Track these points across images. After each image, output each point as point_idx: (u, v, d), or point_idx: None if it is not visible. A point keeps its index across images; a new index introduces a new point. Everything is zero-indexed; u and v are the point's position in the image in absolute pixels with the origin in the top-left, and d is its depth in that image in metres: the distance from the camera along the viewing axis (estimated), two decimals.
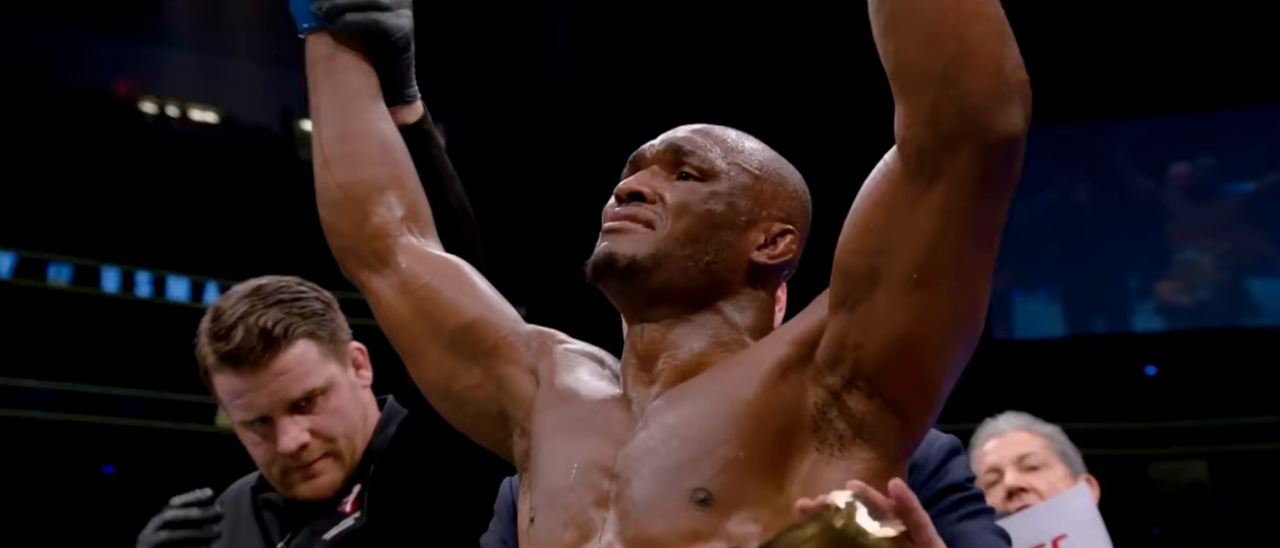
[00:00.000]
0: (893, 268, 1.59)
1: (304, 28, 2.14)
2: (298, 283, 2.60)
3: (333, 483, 2.52)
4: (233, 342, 2.44)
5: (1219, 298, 19.04)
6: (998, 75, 1.51)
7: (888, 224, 1.60)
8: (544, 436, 1.84)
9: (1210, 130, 18.85)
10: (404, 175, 2.09)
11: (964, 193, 1.55)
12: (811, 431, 1.66)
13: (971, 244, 1.60)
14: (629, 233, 1.81)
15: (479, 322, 1.95)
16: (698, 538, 1.60)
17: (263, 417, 2.48)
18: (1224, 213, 18.98)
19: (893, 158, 1.60)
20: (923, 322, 1.60)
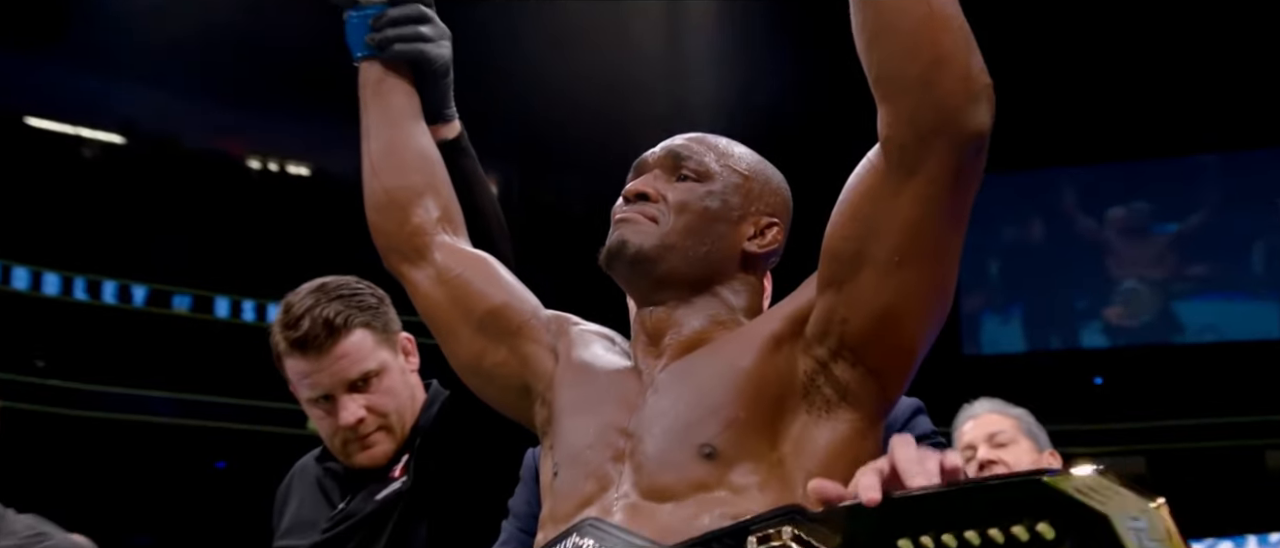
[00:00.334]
0: (877, 251, 1.58)
1: (358, 56, 2.14)
2: (356, 281, 2.59)
3: (385, 453, 2.50)
4: (300, 330, 2.43)
5: (1153, 320, 19.09)
6: (967, 79, 1.50)
7: (872, 212, 1.59)
8: (564, 403, 1.83)
9: (1142, 178, 18.99)
10: (439, 183, 2.09)
11: (940, 183, 1.54)
12: (802, 396, 1.65)
13: (946, 228, 1.59)
14: (636, 226, 1.81)
15: (504, 307, 1.95)
16: (704, 487, 1.59)
17: (326, 395, 2.48)
18: (1155, 249, 19.10)
19: (876, 154, 1.59)
20: (903, 297, 1.59)
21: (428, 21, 2.13)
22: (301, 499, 2.66)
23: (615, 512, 1.62)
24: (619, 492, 1.64)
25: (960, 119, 1.50)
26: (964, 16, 1.52)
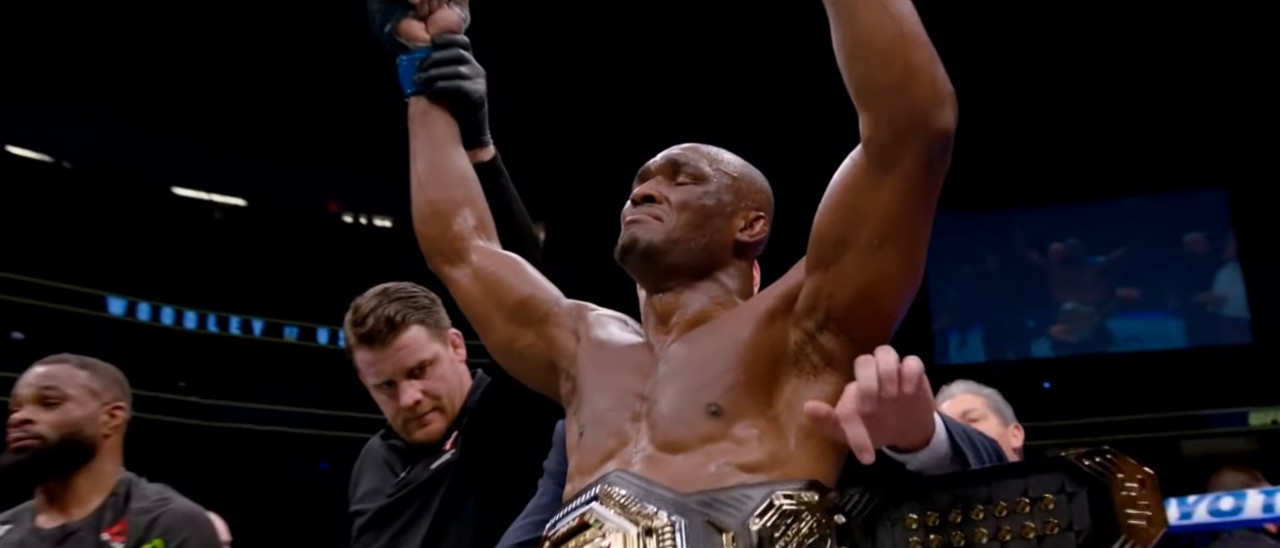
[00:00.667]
0: (859, 235, 1.55)
1: (408, 92, 2.11)
2: (412, 286, 2.57)
3: (439, 430, 2.50)
4: (366, 326, 2.45)
5: (1090, 335, 18.99)
6: (935, 86, 1.48)
7: (856, 202, 1.56)
8: (586, 375, 1.80)
9: (1077, 219, 18.88)
10: (476, 197, 2.06)
11: (914, 177, 1.51)
12: (793, 363, 1.62)
13: (919, 215, 1.55)
14: (645, 224, 1.79)
15: (531, 298, 1.93)
16: (711, 439, 1.56)
17: (389, 381, 2.48)
18: (1089, 277, 19.02)
19: (858, 154, 1.56)
20: (881, 275, 1.56)
21: (466, 62, 2.10)
22: (370, 472, 2.64)
23: (635, 463, 1.58)
24: (638, 447, 1.60)
25: (930, 120, 1.47)
26: (928, 36, 1.50)
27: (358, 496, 2.65)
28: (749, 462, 1.53)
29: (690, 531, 1.44)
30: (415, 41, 2.11)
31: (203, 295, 16.91)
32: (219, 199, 17.55)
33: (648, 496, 1.51)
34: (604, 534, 1.49)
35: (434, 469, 2.47)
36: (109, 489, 2.72)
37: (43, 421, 2.67)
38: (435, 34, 2.11)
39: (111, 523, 2.64)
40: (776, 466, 1.54)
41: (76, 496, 2.69)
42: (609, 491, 1.54)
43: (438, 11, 2.13)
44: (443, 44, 2.10)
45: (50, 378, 2.74)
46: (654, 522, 1.46)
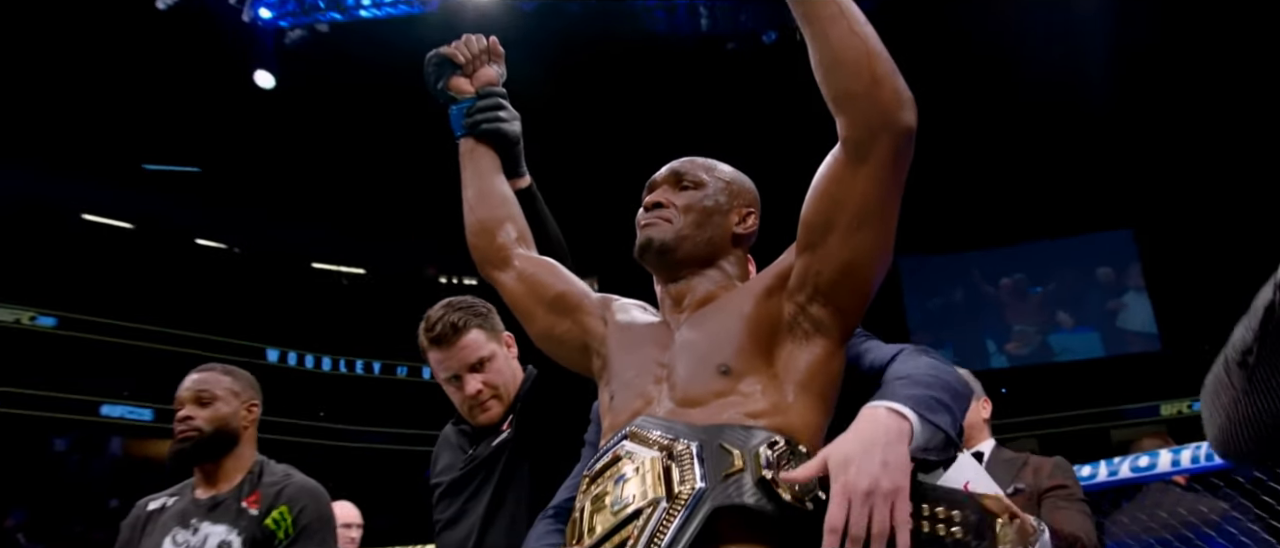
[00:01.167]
0: (840, 219, 1.51)
1: (458, 135, 2.08)
2: (472, 298, 2.51)
3: (498, 414, 2.42)
4: (435, 331, 2.39)
5: (1036, 349, 18.75)
6: (897, 92, 1.45)
7: (836, 192, 1.51)
8: (615, 351, 1.73)
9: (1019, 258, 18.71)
10: (516, 214, 2.00)
11: (884, 166, 1.47)
12: (788, 330, 1.56)
13: (889, 200, 1.50)
14: (657, 226, 1.74)
15: (566, 292, 1.86)
16: (722, 394, 1.51)
17: (455, 375, 2.41)
18: (1032, 305, 18.80)
19: (836, 151, 1.51)
20: (860, 252, 1.51)
21: (504, 109, 2.10)
22: (445, 453, 2.59)
23: (659, 414, 1.53)
24: (660, 404, 1.54)
25: (895, 119, 1.43)
26: (889, 53, 1.47)
27: (436, 472, 2.58)
28: (754, 410, 1.48)
29: (706, 452, 1.39)
30: (462, 94, 2.10)
31: (334, 344, 17.08)
32: (345, 269, 17.70)
33: (669, 429, 1.46)
34: (634, 462, 1.44)
35: (495, 446, 2.40)
36: (247, 469, 2.76)
37: (199, 417, 2.72)
38: (479, 87, 2.11)
39: (249, 494, 2.68)
40: (778, 413, 1.49)
41: (224, 474, 2.73)
42: (636, 430, 1.49)
43: (480, 69, 2.13)
44: (484, 95, 2.10)
45: (203, 383, 2.78)
46: (675, 447, 1.41)
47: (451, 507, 2.45)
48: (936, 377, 1.52)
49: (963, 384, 1.58)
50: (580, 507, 1.50)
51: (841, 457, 1.33)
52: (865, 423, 1.38)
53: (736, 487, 1.35)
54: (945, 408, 1.46)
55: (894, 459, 1.33)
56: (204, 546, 2.63)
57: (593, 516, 1.45)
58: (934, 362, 1.60)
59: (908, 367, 1.56)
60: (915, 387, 1.47)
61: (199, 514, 2.68)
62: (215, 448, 2.73)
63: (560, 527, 1.80)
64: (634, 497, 1.39)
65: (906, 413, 1.40)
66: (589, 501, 1.48)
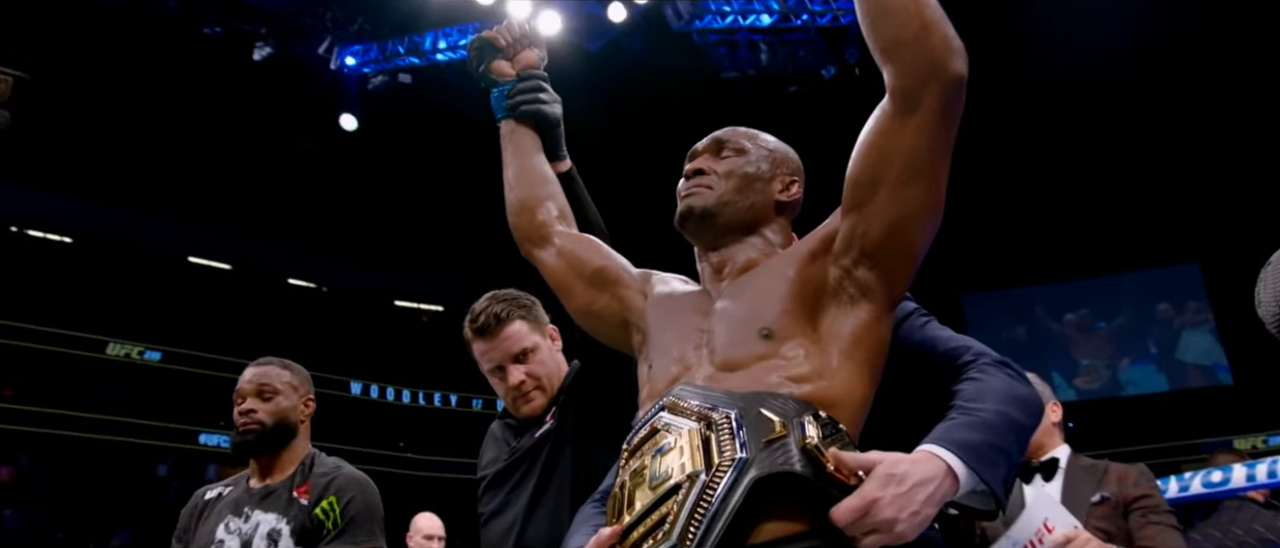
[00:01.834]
0: (888, 174, 1.41)
1: (499, 117, 2.04)
2: (517, 291, 2.44)
3: (541, 405, 2.36)
4: (478, 322, 2.34)
5: (1105, 383, 18.01)
6: (946, 39, 1.36)
7: (884, 145, 1.41)
8: (653, 321, 1.65)
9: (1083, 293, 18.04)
10: (556, 192, 1.94)
11: (933, 117, 1.37)
12: (832, 295, 1.46)
13: (939, 152, 1.40)
14: (698, 193, 1.66)
15: (605, 267, 1.78)
16: (763, 358, 1.41)
17: (499, 366, 2.35)
18: (1098, 340, 18.12)
19: (884, 104, 1.42)
20: (908, 208, 1.41)
21: (544, 91, 2.04)
22: (491, 447, 2.55)
23: (698, 382, 1.44)
24: (700, 370, 1.46)
25: (945, 66, 1.34)
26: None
27: (482, 465, 2.54)
28: (797, 374, 1.39)
29: (746, 419, 1.30)
30: (504, 77, 2.06)
31: (414, 378, 17.21)
32: (425, 307, 17.88)
33: (707, 398, 1.37)
34: (672, 433, 1.35)
35: (537, 437, 2.34)
36: (300, 460, 2.76)
37: (262, 410, 2.72)
38: (519, 69, 2.06)
39: (300, 484, 2.68)
40: (820, 378, 1.39)
41: (278, 465, 2.74)
42: (674, 400, 1.40)
43: (521, 53, 2.08)
44: (525, 77, 2.04)
45: (265, 377, 2.79)
46: (713, 416, 1.32)
47: (495, 499, 2.41)
48: (1004, 414, 1.39)
49: (1032, 410, 1.45)
50: (620, 482, 1.42)
51: (889, 473, 1.25)
52: (924, 463, 1.28)
53: (782, 454, 1.26)
54: (1004, 458, 1.35)
55: (925, 514, 1.25)
56: (255, 532, 2.62)
57: (633, 491, 1.36)
58: (1008, 382, 1.47)
59: (980, 390, 1.43)
60: (977, 431, 1.35)
61: (251, 503, 2.68)
62: (275, 441, 2.73)
63: (604, 509, 1.70)
64: (672, 470, 1.30)
65: (956, 470, 1.29)
66: (629, 475, 1.39)
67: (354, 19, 10.24)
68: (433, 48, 9.88)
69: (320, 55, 10.46)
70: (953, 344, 1.58)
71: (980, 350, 1.56)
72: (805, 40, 9.46)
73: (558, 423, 2.31)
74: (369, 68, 10.46)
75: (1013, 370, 1.53)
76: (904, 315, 1.66)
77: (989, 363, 1.52)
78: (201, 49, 10.43)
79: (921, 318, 1.67)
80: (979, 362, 1.52)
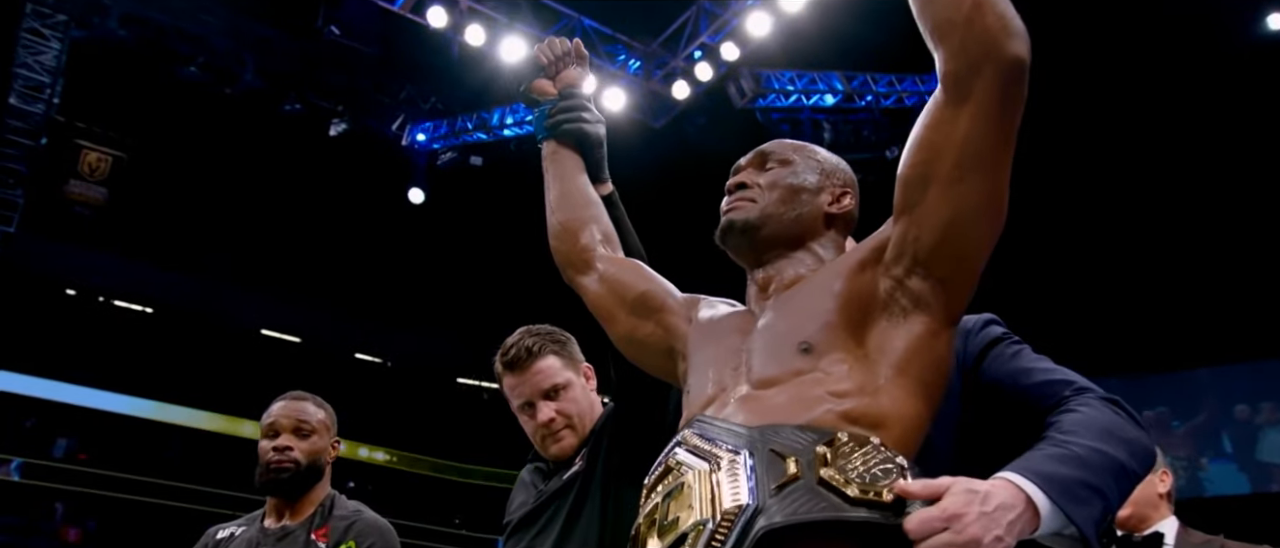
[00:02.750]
0: (940, 170, 1.28)
1: (541, 138, 1.96)
2: (551, 327, 2.31)
3: (571, 446, 2.21)
4: (509, 355, 2.21)
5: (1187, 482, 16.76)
6: (1003, 18, 1.24)
7: (935, 138, 1.29)
8: (695, 345, 1.54)
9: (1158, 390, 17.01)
10: (600, 215, 1.84)
11: (989, 104, 1.24)
12: (883, 308, 1.32)
13: (997, 143, 1.26)
14: (740, 207, 1.54)
15: (649, 292, 1.68)
16: (802, 374, 1.29)
17: (528, 402, 2.21)
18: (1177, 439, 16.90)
19: (936, 93, 1.30)
20: (964, 207, 1.27)
21: (587, 110, 1.95)
22: (520, 493, 2.39)
23: (730, 404, 1.32)
24: (736, 391, 1.34)
25: (1001, 49, 1.22)
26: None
27: (511, 510, 2.39)
28: (839, 389, 1.25)
29: (757, 460, 1.17)
30: (545, 95, 1.98)
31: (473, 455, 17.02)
32: (486, 385, 17.85)
33: (720, 434, 1.25)
34: (682, 474, 1.24)
35: (566, 479, 2.20)
36: (319, 501, 2.65)
37: (299, 449, 2.61)
38: (561, 88, 1.98)
39: (319, 527, 2.57)
40: (865, 394, 1.25)
41: (299, 506, 2.63)
42: (687, 435, 1.30)
43: (564, 71, 2.01)
44: (567, 95, 1.96)
45: (304, 413, 2.67)
46: (722, 456, 1.21)
47: (520, 543, 2.23)
48: (1102, 452, 1.20)
49: (1141, 455, 1.25)
50: (636, 525, 1.31)
51: (971, 488, 1.12)
52: (1002, 489, 1.14)
53: (792, 500, 1.12)
54: (1098, 499, 1.17)
55: (1007, 543, 1.11)
56: None
57: (645, 536, 1.26)
58: (1114, 419, 1.27)
59: (1078, 422, 1.25)
60: (1066, 464, 1.17)
61: (267, 543, 2.56)
62: (306, 482, 2.61)
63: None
64: (681, 516, 1.20)
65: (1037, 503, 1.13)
66: (643, 517, 1.30)
67: (427, 97, 10.41)
68: (500, 124, 9.96)
69: (393, 131, 10.63)
70: (1051, 377, 1.38)
71: (1085, 385, 1.36)
72: (869, 120, 9.32)
73: (587, 466, 2.16)
74: (438, 144, 10.59)
75: (1123, 409, 1.31)
76: (988, 342, 1.47)
77: (1095, 398, 1.31)
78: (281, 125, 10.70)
79: (1012, 346, 1.47)
80: (1083, 395, 1.32)
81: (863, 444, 1.16)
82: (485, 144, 10.39)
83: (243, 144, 11.60)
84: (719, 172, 1.69)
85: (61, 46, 9.52)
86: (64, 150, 12.17)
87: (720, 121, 9.62)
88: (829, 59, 9.05)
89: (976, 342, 1.46)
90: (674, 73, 9.12)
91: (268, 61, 9.76)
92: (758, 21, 8.58)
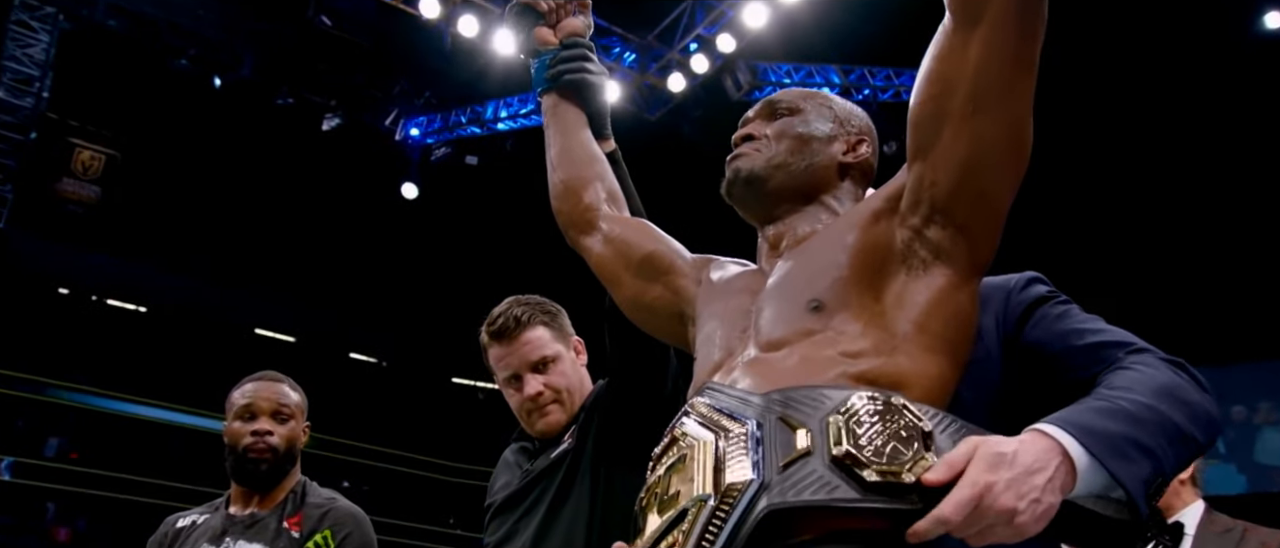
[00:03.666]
0: (953, 105, 1.16)
1: (538, 90, 1.83)
2: (540, 297, 2.20)
3: (558, 421, 2.10)
4: (497, 324, 2.10)
5: None
6: None
7: (946, 69, 1.17)
8: (706, 307, 1.43)
9: None
10: (604, 173, 1.72)
11: (1002, 25, 1.12)
12: (900, 261, 1.22)
13: (1013, 68, 1.14)
14: (746, 157, 1.44)
15: (655, 252, 1.57)
16: (811, 335, 1.19)
17: (516, 375, 2.10)
18: None
19: (945, 20, 1.18)
20: (980, 143, 1.15)
21: (590, 60, 1.81)
22: (503, 473, 2.26)
23: (737, 368, 1.22)
24: (744, 354, 1.25)
25: None
26: None
27: (492, 491, 2.25)
28: (852, 349, 1.15)
29: (765, 431, 1.07)
30: (546, 45, 1.84)
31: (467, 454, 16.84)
32: (482, 385, 17.72)
33: (728, 400, 1.14)
34: (686, 445, 1.15)
35: (553, 458, 2.08)
36: (289, 488, 2.51)
37: (278, 434, 2.48)
38: (563, 37, 1.84)
39: (291, 515, 2.44)
40: (882, 353, 1.14)
41: (269, 492, 2.49)
42: (695, 404, 1.19)
43: (565, 19, 1.87)
44: (569, 45, 1.82)
45: (284, 396, 2.54)
46: (729, 427, 1.11)
47: (502, 526, 2.15)
48: (1158, 410, 1.04)
49: (1204, 421, 1.08)
50: (640, 499, 1.22)
51: (996, 452, 0.98)
52: (1032, 443, 1.00)
53: (798, 480, 1.01)
54: (1146, 458, 1.01)
55: (1047, 503, 0.97)
56: None
57: (646, 511, 1.18)
58: (1176, 380, 1.11)
59: (1133, 380, 1.09)
60: (1112, 419, 1.02)
61: (234, 532, 2.41)
62: (282, 468, 2.48)
63: None
64: (681, 491, 1.11)
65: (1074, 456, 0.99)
66: (646, 491, 1.21)
67: (421, 91, 10.24)
68: (494, 117, 9.79)
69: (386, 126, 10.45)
70: (1103, 337, 1.22)
71: (1144, 345, 1.20)
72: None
73: (577, 443, 2.04)
74: (432, 138, 10.41)
75: (1186, 372, 1.14)
76: (1031, 302, 1.30)
77: (1156, 357, 1.16)
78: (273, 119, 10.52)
79: (1058, 306, 1.30)
80: (1141, 354, 1.16)
81: (880, 411, 1.03)
82: (479, 139, 10.22)
83: (235, 139, 11.43)
84: (715, 165, 1.56)
85: (50, 39, 9.35)
86: (57, 149, 12.01)
87: (716, 114, 9.49)
88: (826, 52, 8.91)
89: (1018, 301, 1.30)
90: (670, 65, 9.00)
91: (259, 53, 9.59)
92: (754, 13, 8.45)
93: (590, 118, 1.81)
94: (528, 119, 9.45)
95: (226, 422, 2.54)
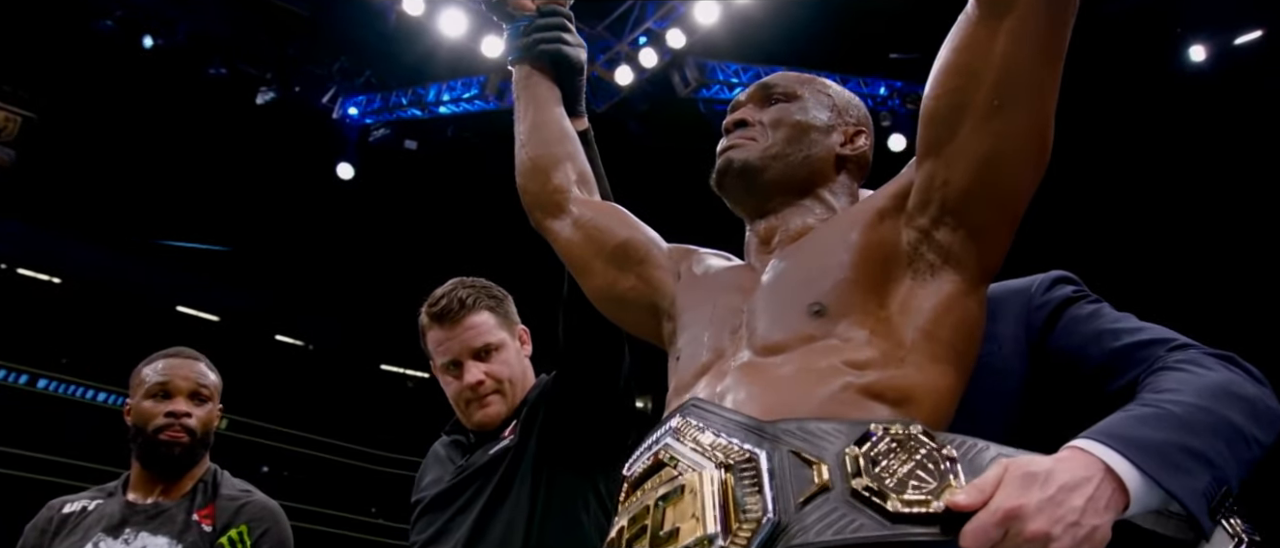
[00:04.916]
0: (975, 98, 1.10)
1: (511, 59, 1.74)
2: (486, 281, 2.10)
3: (498, 413, 2.00)
4: (438, 306, 2.03)
5: None
6: None
7: (969, 61, 1.10)
8: (686, 302, 1.34)
9: None
10: (575, 153, 1.64)
11: (1031, 16, 1.06)
12: (907, 264, 1.16)
13: (1041, 62, 1.08)
14: (740, 146, 1.37)
15: (630, 241, 1.49)
16: (813, 340, 1.12)
17: (455, 361, 2.02)
18: None
19: (968, 9, 1.12)
20: (1002, 141, 1.09)
21: (567, 30, 1.72)
22: (433, 468, 2.15)
23: (729, 374, 1.14)
24: (735, 358, 1.17)
25: None
26: None
27: (420, 488, 2.20)
28: (858, 359, 1.08)
29: (776, 463, 0.96)
30: (522, 10, 1.75)
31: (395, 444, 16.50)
32: (412, 373, 17.32)
33: (725, 426, 1.03)
34: (680, 473, 1.03)
35: (492, 454, 1.97)
36: (200, 477, 2.35)
37: (196, 416, 2.32)
38: (540, 4, 1.75)
39: (201, 506, 2.27)
40: (888, 365, 1.07)
41: (178, 481, 2.32)
42: (684, 423, 1.08)
43: None
44: (546, 12, 1.73)
45: (203, 377, 2.38)
46: (733, 456, 0.99)
47: (432, 525, 2.00)
48: (1211, 411, 0.94)
49: (1263, 422, 0.97)
50: (619, 528, 1.10)
51: (1027, 472, 0.89)
52: (1069, 461, 0.91)
53: (818, 518, 0.92)
54: (1203, 467, 0.90)
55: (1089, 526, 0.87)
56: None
57: (634, 541, 1.06)
58: (1229, 376, 1.00)
59: (1181, 381, 0.99)
60: (1159, 427, 0.92)
61: (136, 522, 2.20)
62: (195, 454, 2.31)
63: None
64: (682, 528, 1.00)
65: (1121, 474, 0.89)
66: (628, 521, 1.09)
67: (361, 70, 9.91)
68: (436, 100, 9.53)
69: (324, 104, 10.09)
70: (1141, 336, 1.12)
71: (1186, 341, 1.11)
72: None
73: (519, 440, 1.95)
74: (371, 119, 10.09)
75: (1238, 366, 1.06)
76: (1059, 304, 1.22)
77: (1202, 352, 1.06)
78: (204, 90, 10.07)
79: (1088, 305, 1.23)
80: (1185, 351, 1.07)
81: (902, 441, 0.96)
82: (420, 122, 9.94)
83: (162, 108, 10.92)
84: (658, 160, 1.42)
85: None
86: None
87: (661, 110, 9.39)
88: (778, 54, 8.85)
89: (1043, 304, 1.22)
90: (617, 57, 8.86)
91: (191, 19, 9.16)
92: (706, 10, 8.38)
93: (564, 93, 1.70)
94: (471, 104, 9.22)
95: (132, 399, 2.33)
